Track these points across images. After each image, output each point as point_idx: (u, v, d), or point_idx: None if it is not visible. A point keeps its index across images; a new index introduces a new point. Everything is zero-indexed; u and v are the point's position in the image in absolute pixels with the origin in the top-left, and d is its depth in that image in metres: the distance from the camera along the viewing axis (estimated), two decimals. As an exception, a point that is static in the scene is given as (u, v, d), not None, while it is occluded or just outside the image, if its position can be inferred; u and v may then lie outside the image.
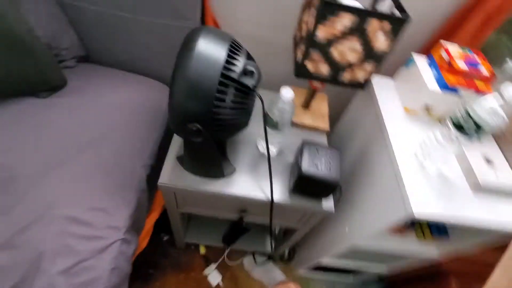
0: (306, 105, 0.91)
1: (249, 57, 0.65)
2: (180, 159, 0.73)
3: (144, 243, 0.86)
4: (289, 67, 0.82)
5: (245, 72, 0.61)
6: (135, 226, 0.70)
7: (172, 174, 0.71)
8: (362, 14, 0.58)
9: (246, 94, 0.61)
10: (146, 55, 0.90)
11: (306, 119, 0.90)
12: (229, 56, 0.57)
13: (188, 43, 0.57)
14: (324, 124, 0.90)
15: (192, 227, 1.17)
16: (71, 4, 0.79)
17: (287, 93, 0.65)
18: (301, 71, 0.71)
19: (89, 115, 0.74)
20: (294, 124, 0.88)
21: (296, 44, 0.80)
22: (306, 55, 0.67)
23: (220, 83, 0.56)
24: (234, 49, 0.60)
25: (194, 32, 0.59)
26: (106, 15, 0.80)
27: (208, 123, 0.58)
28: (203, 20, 0.89)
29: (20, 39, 0.61)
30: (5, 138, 0.63)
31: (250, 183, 0.72)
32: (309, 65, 0.70)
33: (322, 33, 0.62)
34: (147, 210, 0.80)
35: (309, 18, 0.67)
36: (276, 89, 1.00)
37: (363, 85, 0.74)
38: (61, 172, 0.63)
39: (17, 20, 0.60)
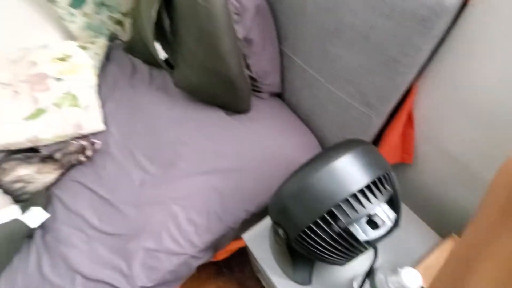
0: None
1: (393, 202, 0.51)
2: (271, 232, 0.73)
3: (222, 257, 0.97)
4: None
5: (370, 220, 0.50)
6: (212, 248, 0.81)
7: (257, 237, 0.73)
8: None
9: (355, 241, 0.50)
10: (323, 117, 0.91)
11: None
12: (364, 190, 0.47)
13: (336, 149, 0.52)
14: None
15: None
16: (288, 54, 0.90)
17: (411, 281, 0.47)
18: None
19: (242, 144, 0.87)
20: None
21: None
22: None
23: (329, 213, 0.48)
24: (377, 184, 0.49)
25: (351, 143, 0.53)
26: (307, 71, 0.86)
27: (293, 237, 0.53)
28: (394, 114, 0.76)
29: (230, 77, 0.80)
30: (184, 134, 0.88)
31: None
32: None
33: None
34: (234, 238, 0.88)
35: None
36: (441, 231, 0.73)
37: None
38: (200, 180, 0.80)
39: (234, 64, 0.77)
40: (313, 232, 0.50)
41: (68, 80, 0.93)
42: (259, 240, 0.72)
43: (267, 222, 0.75)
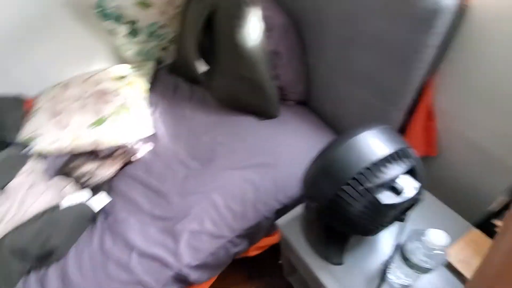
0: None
1: (413, 173, 0.57)
2: (305, 210, 0.78)
3: (254, 253, 1.02)
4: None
5: (392, 186, 0.56)
6: (248, 237, 0.87)
7: (291, 223, 0.78)
8: None
9: (381, 206, 0.55)
10: (346, 117, 0.99)
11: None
12: (383, 160, 0.54)
13: (357, 129, 0.60)
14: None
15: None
16: (313, 64, 1.02)
17: (437, 238, 0.51)
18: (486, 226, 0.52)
19: (272, 143, 0.97)
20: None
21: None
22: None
23: (353, 182, 0.55)
24: (396, 157, 0.56)
25: (371, 124, 0.60)
26: (330, 76, 0.97)
27: (325, 209, 0.59)
28: (413, 108, 0.83)
29: (260, 85, 0.92)
30: (220, 136, 0.99)
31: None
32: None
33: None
34: (266, 232, 0.94)
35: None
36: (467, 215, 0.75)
37: None
38: (236, 173, 0.89)
39: (263, 70, 0.90)
40: (341, 199, 0.56)
41: (124, 95, 1.11)
42: (293, 225, 0.78)
43: (299, 209, 0.81)
